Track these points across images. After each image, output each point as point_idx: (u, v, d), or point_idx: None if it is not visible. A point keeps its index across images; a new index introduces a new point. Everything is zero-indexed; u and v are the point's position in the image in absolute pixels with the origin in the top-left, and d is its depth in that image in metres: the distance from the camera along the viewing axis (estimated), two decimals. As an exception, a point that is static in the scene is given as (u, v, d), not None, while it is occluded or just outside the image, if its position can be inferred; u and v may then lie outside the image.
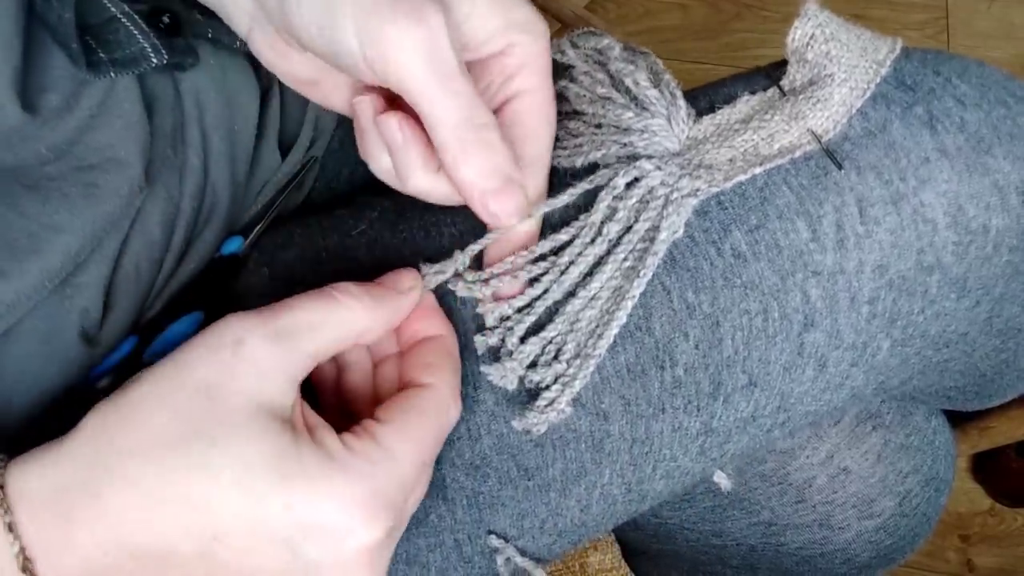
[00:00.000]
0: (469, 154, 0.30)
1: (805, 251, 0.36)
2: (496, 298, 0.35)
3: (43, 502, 0.28)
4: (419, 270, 0.35)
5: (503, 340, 0.35)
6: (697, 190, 0.36)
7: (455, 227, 0.39)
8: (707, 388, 0.37)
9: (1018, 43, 1.29)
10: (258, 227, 0.44)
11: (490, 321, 0.35)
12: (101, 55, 0.34)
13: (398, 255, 0.40)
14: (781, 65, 0.39)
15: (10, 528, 0.27)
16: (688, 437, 0.38)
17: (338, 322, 0.31)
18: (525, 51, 0.34)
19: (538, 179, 0.35)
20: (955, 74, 0.37)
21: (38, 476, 0.28)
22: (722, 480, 0.43)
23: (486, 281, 0.35)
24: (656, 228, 0.35)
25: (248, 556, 0.28)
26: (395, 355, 0.36)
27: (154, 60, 0.36)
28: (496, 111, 0.35)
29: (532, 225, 0.36)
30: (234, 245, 0.43)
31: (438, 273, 0.36)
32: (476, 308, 0.36)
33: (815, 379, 0.38)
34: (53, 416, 0.37)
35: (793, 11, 0.37)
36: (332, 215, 0.44)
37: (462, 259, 0.36)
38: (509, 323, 0.35)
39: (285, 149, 0.46)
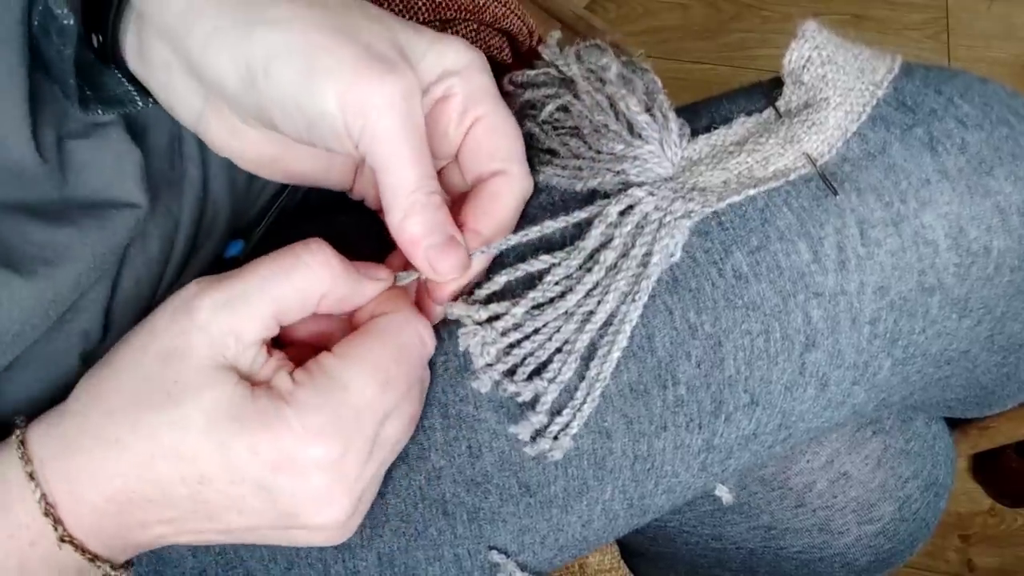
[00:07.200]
0: (416, 212, 0.32)
1: (806, 272, 0.36)
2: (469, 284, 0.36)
3: (52, 457, 0.31)
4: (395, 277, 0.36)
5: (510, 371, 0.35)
6: (691, 212, 0.35)
7: None
8: (709, 407, 0.37)
9: (1018, 43, 1.28)
10: (258, 230, 0.44)
11: (488, 356, 0.35)
12: (88, 93, 0.34)
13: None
14: (780, 83, 0.39)
15: (31, 476, 0.31)
16: (690, 454, 0.38)
17: (298, 286, 0.32)
18: (466, 90, 0.34)
19: (520, 176, 0.36)
20: (957, 93, 0.37)
21: (45, 434, 0.32)
22: (724, 494, 0.43)
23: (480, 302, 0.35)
24: (650, 253, 0.35)
25: (233, 496, 0.31)
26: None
27: (139, 104, 0.35)
28: (460, 148, 0.36)
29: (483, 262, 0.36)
30: (236, 249, 0.43)
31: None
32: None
33: (816, 398, 0.38)
34: None
35: (793, 11, 0.37)
36: (332, 219, 0.44)
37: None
38: (509, 353, 0.35)
39: None
